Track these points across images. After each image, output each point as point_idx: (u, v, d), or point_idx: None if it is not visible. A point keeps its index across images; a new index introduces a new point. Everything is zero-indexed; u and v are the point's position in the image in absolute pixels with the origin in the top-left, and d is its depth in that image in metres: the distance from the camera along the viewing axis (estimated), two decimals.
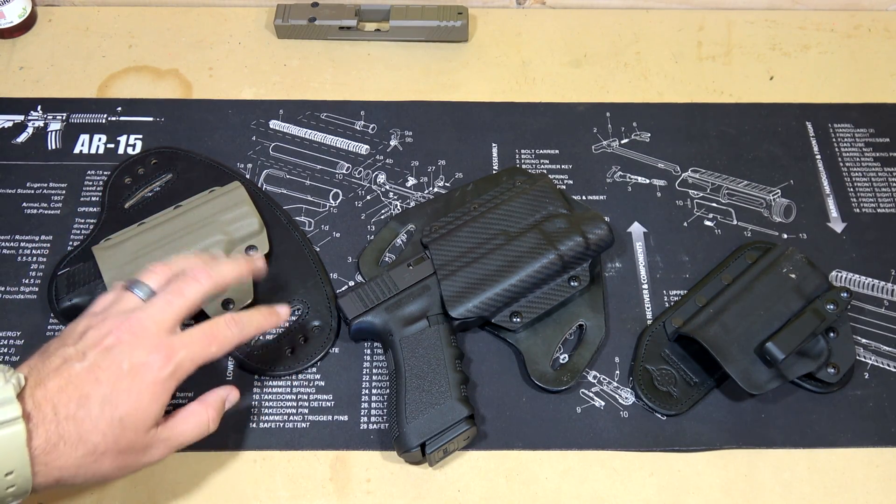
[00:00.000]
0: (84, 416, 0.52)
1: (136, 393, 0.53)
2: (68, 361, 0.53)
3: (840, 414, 0.67)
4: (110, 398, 0.52)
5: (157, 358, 0.54)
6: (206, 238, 0.70)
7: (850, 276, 0.74)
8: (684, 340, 0.69)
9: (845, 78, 0.88)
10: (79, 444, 0.51)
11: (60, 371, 0.53)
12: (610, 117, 0.84)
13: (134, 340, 0.54)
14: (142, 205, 0.75)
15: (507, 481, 0.65)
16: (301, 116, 0.84)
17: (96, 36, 0.90)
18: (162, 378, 0.54)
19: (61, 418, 0.51)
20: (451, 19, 0.87)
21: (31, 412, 0.50)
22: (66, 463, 0.51)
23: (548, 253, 0.69)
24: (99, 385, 0.53)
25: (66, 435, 0.51)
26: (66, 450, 0.51)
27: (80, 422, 0.51)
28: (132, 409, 0.53)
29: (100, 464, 0.53)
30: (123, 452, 0.54)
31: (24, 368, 0.53)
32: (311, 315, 0.70)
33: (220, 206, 0.72)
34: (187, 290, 0.57)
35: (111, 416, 0.52)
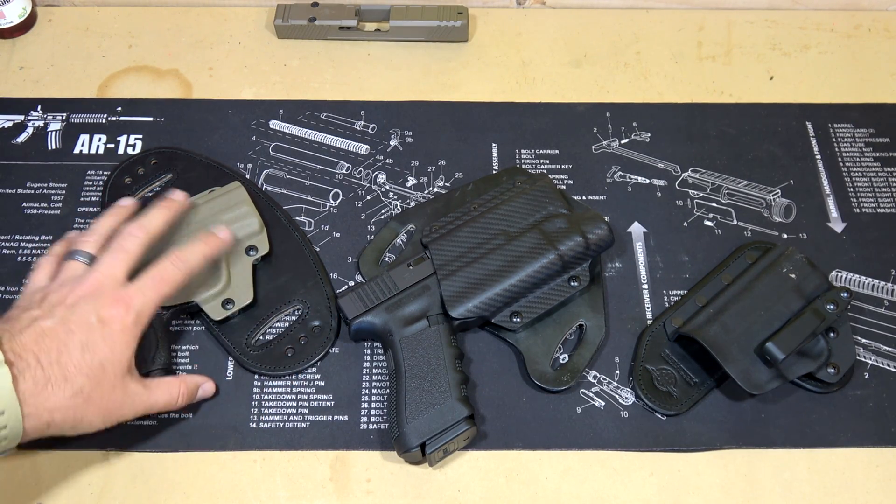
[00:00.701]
0: (67, 361, 0.55)
1: (110, 340, 0.58)
2: (37, 320, 0.56)
3: (840, 414, 0.67)
4: (88, 345, 0.56)
5: (120, 309, 0.58)
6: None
7: (850, 276, 0.74)
8: (684, 340, 0.69)
9: (845, 78, 0.88)
10: (66, 385, 0.55)
11: (32, 328, 0.56)
12: (610, 117, 0.84)
13: (94, 296, 0.58)
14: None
15: (507, 481, 0.65)
16: (301, 116, 0.84)
17: (96, 36, 0.90)
18: (129, 326, 0.59)
19: (45, 364, 0.54)
20: (451, 19, 0.87)
21: (13, 360, 0.53)
22: (56, 404, 0.55)
23: (548, 253, 0.69)
24: (73, 335, 0.56)
25: (53, 377, 0.54)
26: (55, 391, 0.54)
27: (63, 366, 0.55)
28: (109, 354, 0.57)
29: (86, 408, 0.56)
30: (107, 398, 0.57)
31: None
32: (311, 315, 0.70)
33: (220, 206, 0.72)
34: (127, 244, 0.62)
35: (91, 361, 0.56)
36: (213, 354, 0.69)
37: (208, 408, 0.67)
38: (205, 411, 0.67)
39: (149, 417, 0.66)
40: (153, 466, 0.65)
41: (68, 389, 0.55)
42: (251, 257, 0.71)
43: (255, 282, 0.71)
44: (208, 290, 0.69)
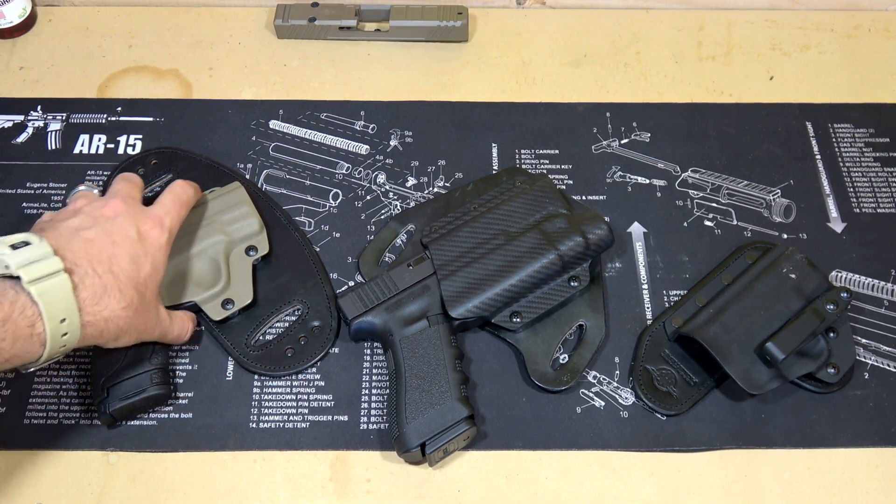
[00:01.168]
0: (119, 272, 0.56)
1: (150, 256, 0.59)
2: (79, 230, 0.57)
3: (840, 414, 0.67)
4: (134, 260, 0.57)
5: (153, 224, 0.60)
6: (205, 238, 0.70)
7: (850, 276, 0.74)
8: (684, 340, 0.69)
9: (845, 78, 0.88)
10: (121, 297, 0.56)
11: (76, 238, 0.56)
12: (610, 117, 0.84)
13: (128, 212, 0.59)
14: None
15: (507, 481, 0.65)
16: (301, 116, 0.84)
17: (96, 36, 0.90)
18: (164, 242, 0.60)
19: (101, 273, 0.55)
20: (451, 19, 0.87)
21: (71, 268, 0.54)
22: (111, 314, 0.56)
23: (548, 253, 0.69)
24: (118, 247, 0.57)
25: (109, 288, 0.56)
26: (111, 302, 0.56)
27: (116, 276, 0.56)
28: (150, 271, 0.58)
29: (131, 322, 0.57)
30: (146, 310, 0.58)
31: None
32: (311, 315, 0.70)
33: (220, 207, 0.72)
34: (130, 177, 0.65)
35: (138, 275, 0.58)
36: (214, 354, 0.69)
37: (208, 408, 0.67)
38: (205, 411, 0.67)
39: (149, 418, 0.66)
40: (153, 466, 0.65)
41: (123, 300, 0.56)
42: (251, 257, 0.71)
43: (255, 282, 0.71)
44: (208, 290, 0.69)
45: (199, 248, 0.69)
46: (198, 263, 0.69)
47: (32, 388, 0.67)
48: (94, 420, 0.66)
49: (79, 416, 0.66)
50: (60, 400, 0.67)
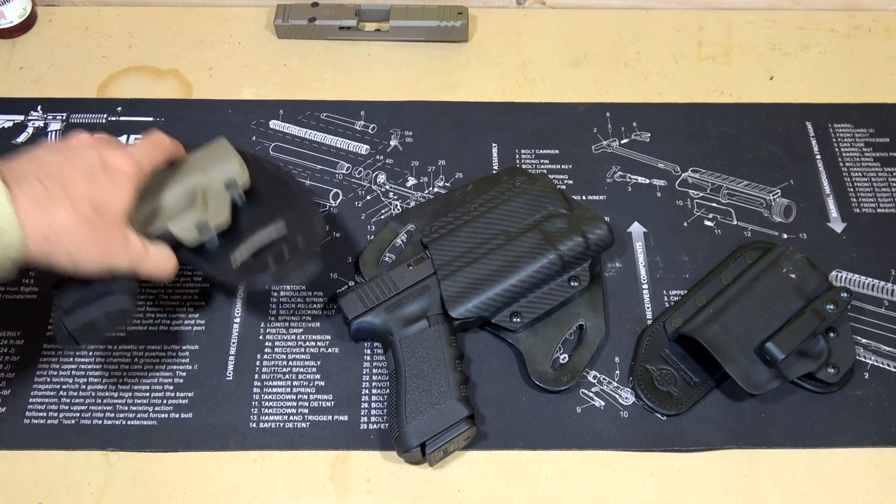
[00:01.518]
0: (71, 187, 0.54)
1: (112, 180, 0.57)
2: (40, 156, 0.56)
3: (840, 414, 0.67)
4: (91, 178, 0.55)
5: (122, 158, 0.58)
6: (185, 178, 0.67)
7: (850, 276, 0.74)
8: (684, 340, 0.69)
9: (845, 78, 0.88)
10: (70, 207, 0.54)
11: (35, 160, 0.55)
12: (610, 117, 0.84)
13: (95, 144, 0.58)
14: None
15: (507, 481, 0.65)
16: (301, 116, 0.84)
17: (96, 36, 0.90)
18: (130, 172, 0.58)
19: (48, 185, 0.53)
20: (451, 19, 0.87)
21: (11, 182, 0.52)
22: (61, 225, 0.53)
23: (548, 253, 0.69)
24: (76, 169, 0.55)
25: (55, 196, 0.53)
26: (60, 213, 0.53)
27: (67, 189, 0.54)
28: (111, 192, 0.56)
29: (88, 239, 0.55)
30: (107, 236, 0.56)
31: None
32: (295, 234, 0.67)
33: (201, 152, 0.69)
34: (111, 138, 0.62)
35: (94, 194, 0.55)
36: (214, 354, 0.69)
37: (208, 408, 0.67)
38: (205, 411, 0.67)
39: (149, 418, 0.66)
40: (153, 466, 0.65)
41: (75, 214, 0.54)
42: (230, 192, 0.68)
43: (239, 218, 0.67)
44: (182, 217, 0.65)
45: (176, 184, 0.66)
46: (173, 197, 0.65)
47: (32, 388, 0.67)
48: (95, 420, 0.66)
49: (79, 416, 0.66)
50: (60, 400, 0.67)
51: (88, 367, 0.68)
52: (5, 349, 0.69)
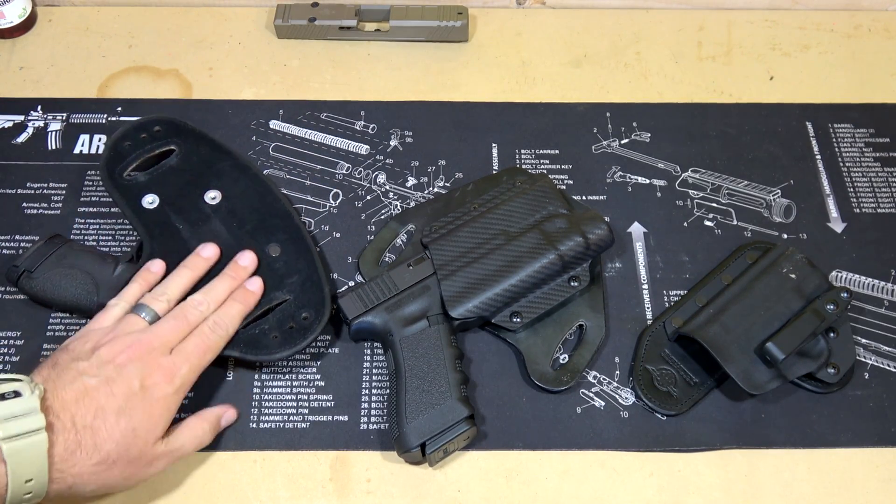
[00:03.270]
0: (100, 426, 0.55)
1: (149, 408, 0.58)
2: (83, 375, 0.56)
3: (840, 414, 0.67)
4: (125, 411, 0.56)
5: (164, 377, 0.59)
6: None
7: (850, 276, 0.74)
8: (684, 340, 0.69)
9: (845, 78, 0.88)
10: (94, 452, 0.55)
11: (75, 383, 0.56)
12: (610, 117, 0.84)
13: (144, 360, 0.59)
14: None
15: (507, 481, 0.65)
16: (301, 116, 0.84)
17: (96, 36, 0.90)
18: (170, 394, 0.59)
19: (79, 427, 0.54)
20: (451, 19, 0.87)
21: (52, 421, 0.53)
22: (82, 470, 0.55)
23: (548, 253, 0.69)
24: (114, 398, 0.56)
25: (84, 443, 0.54)
26: (83, 458, 0.54)
27: (96, 431, 0.55)
28: (144, 422, 0.57)
29: (110, 472, 0.56)
30: (132, 463, 0.57)
31: (38, 378, 0.56)
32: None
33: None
34: (190, 315, 0.63)
35: (125, 427, 0.56)
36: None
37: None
38: None
39: None
40: None
41: (95, 457, 0.55)
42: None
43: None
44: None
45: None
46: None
47: None
48: None
49: None
50: None
51: None
52: (5, 349, 0.69)
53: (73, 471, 0.54)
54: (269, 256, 0.70)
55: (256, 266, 0.69)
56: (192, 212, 0.71)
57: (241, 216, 0.72)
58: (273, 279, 0.69)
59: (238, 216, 0.72)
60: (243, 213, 0.72)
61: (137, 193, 0.72)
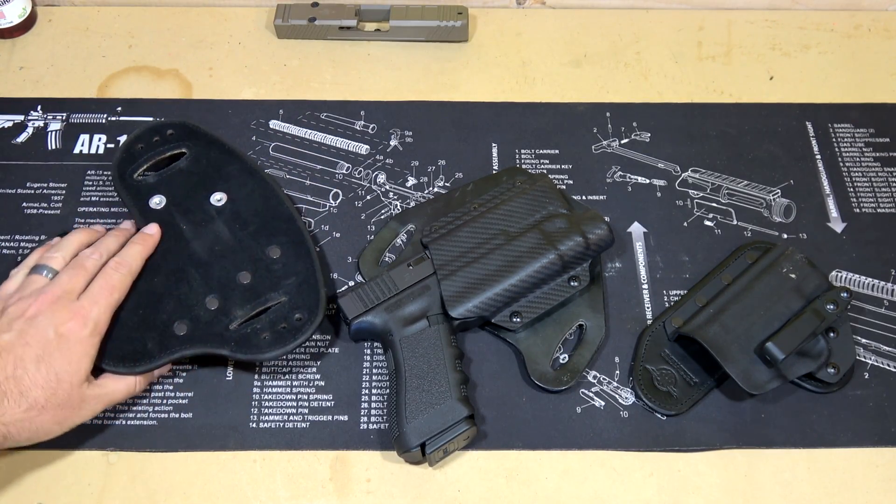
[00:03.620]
0: (22, 375, 0.57)
1: (67, 352, 0.59)
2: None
3: (840, 414, 0.67)
4: (44, 358, 0.58)
5: (77, 322, 0.60)
6: None
7: (850, 276, 0.74)
8: (684, 340, 0.69)
9: (845, 78, 0.88)
10: (21, 399, 0.57)
11: None
12: (610, 117, 0.84)
13: (52, 310, 0.60)
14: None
15: (507, 481, 0.65)
16: (301, 116, 0.84)
17: (96, 36, 0.90)
18: (85, 336, 0.60)
19: (1, 380, 0.56)
20: (451, 19, 0.87)
21: None
22: (12, 418, 0.56)
23: (548, 253, 0.69)
24: (30, 348, 0.58)
25: (9, 392, 0.56)
26: (11, 406, 0.56)
27: (19, 380, 0.57)
28: (65, 366, 0.59)
29: (42, 418, 0.58)
30: (62, 407, 0.58)
31: None
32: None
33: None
34: (87, 263, 0.65)
35: (47, 373, 0.58)
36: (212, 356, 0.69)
37: (208, 408, 0.67)
38: (205, 411, 0.67)
39: (149, 418, 0.66)
40: (153, 466, 0.65)
41: (23, 404, 0.57)
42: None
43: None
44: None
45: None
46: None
47: None
48: (94, 420, 0.66)
49: None
50: None
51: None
52: None
53: (4, 419, 0.56)
54: (269, 258, 0.70)
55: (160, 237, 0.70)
56: (197, 213, 0.72)
57: (244, 218, 0.72)
58: (270, 280, 0.69)
59: (241, 218, 0.72)
60: (247, 215, 0.72)
61: (146, 194, 0.73)
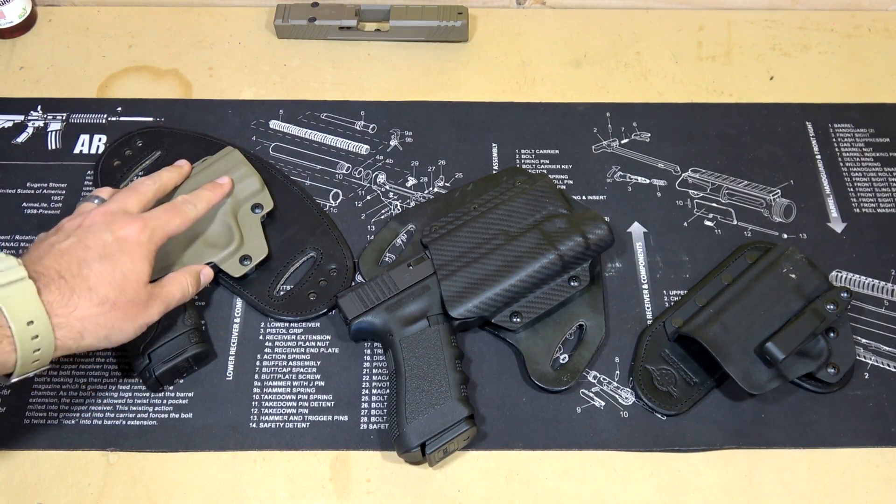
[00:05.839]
0: (88, 273, 0.57)
1: (128, 253, 0.60)
2: (54, 245, 0.59)
3: (840, 414, 0.67)
4: (106, 257, 0.59)
5: (134, 227, 0.61)
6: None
7: (850, 276, 0.74)
8: (684, 340, 0.69)
9: (845, 78, 0.88)
10: (91, 294, 0.57)
11: (51, 252, 0.58)
12: (610, 117, 0.84)
13: (108, 219, 0.61)
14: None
15: (507, 481, 0.65)
16: (301, 116, 0.84)
17: (96, 36, 0.90)
18: (144, 241, 0.61)
19: (67, 277, 0.57)
20: (451, 19, 0.87)
21: (37, 276, 0.56)
22: (84, 313, 0.56)
23: (548, 253, 0.69)
24: (91, 250, 0.58)
25: (77, 288, 0.56)
26: (81, 301, 0.56)
27: (85, 277, 0.57)
28: (128, 265, 0.59)
29: (114, 315, 0.58)
30: (131, 303, 0.59)
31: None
32: (326, 259, 0.73)
33: (219, 171, 0.73)
34: (140, 187, 0.66)
35: (112, 270, 0.58)
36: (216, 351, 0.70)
37: (208, 408, 0.67)
38: (205, 411, 0.67)
39: (149, 418, 0.66)
40: (153, 466, 0.65)
41: (94, 298, 0.57)
42: (258, 214, 0.73)
43: (266, 237, 0.73)
44: (223, 249, 0.71)
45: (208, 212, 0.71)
46: (210, 227, 0.72)
47: (32, 388, 0.67)
48: (95, 420, 0.66)
49: (79, 416, 0.66)
50: (60, 400, 0.67)
51: (88, 367, 0.68)
52: None
53: (77, 314, 0.56)
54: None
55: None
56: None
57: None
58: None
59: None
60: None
61: None
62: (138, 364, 0.65)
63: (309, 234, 0.75)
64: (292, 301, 0.71)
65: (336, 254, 0.74)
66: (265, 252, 0.72)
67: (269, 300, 0.71)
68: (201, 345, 0.67)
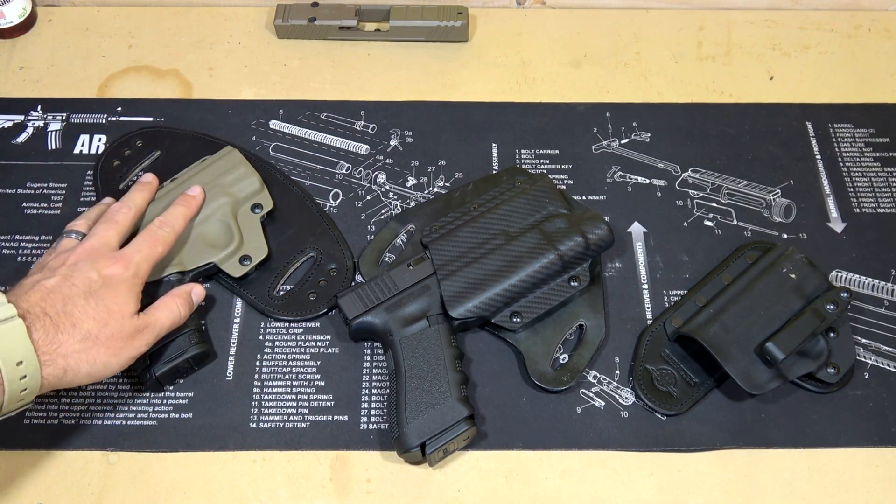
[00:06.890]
0: (72, 309, 0.58)
1: (112, 290, 0.61)
2: (40, 281, 0.60)
3: (840, 414, 0.67)
4: (91, 294, 0.59)
5: (119, 266, 0.62)
6: (211, 202, 0.72)
7: (850, 276, 0.74)
8: (684, 340, 0.69)
9: (845, 78, 0.88)
10: (74, 330, 0.58)
11: (36, 288, 0.59)
12: (610, 117, 0.84)
13: (92, 257, 0.62)
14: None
15: (507, 481, 0.65)
16: (301, 116, 0.84)
17: (96, 36, 0.90)
18: (129, 277, 0.62)
19: (52, 315, 0.57)
20: (451, 19, 0.87)
21: (25, 314, 0.56)
22: (68, 349, 0.57)
23: (548, 253, 0.69)
24: (76, 287, 0.59)
25: (62, 325, 0.57)
26: (65, 337, 0.57)
27: (69, 314, 0.58)
28: (112, 300, 0.60)
29: (97, 350, 0.58)
30: (114, 338, 0.60)
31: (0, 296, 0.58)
32: (326, 259, 0.73)
33: (218, 171, 0.74)
34: (116, 217, 0.67)
35: (96, 305, 0.59)
36: (216, 351, 0.70)
37: (208, 408, 0.67)
38: (205, 411, 0.67)
39: (149, 418, 0.66)
40: (153, 466, 0.65)
41: (77, 334, 0.57)
42: (258, 214, 0.73)
43: (266, 237, 0.73)
44: (223, 250, 0.71)
45: (207, 212, 0.72)
46: (209, 227, 0.72)
47: None
48: (95, 420, 0.66)
49: (79, 417, 0.66)
50: (60, 400, 0.67)
51: None
52: None
53: (61, 351, 0.56)
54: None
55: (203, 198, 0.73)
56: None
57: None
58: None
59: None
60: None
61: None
62: (138, 365, 0.65)
63: (309, 234, 0.75)
64: (292, 301, 0.71)
65: (336, 254, 0.74)
66: (265, 252, 0.72)
67: (269, 300, 0.71)
68: (201, 345, 0.67)
